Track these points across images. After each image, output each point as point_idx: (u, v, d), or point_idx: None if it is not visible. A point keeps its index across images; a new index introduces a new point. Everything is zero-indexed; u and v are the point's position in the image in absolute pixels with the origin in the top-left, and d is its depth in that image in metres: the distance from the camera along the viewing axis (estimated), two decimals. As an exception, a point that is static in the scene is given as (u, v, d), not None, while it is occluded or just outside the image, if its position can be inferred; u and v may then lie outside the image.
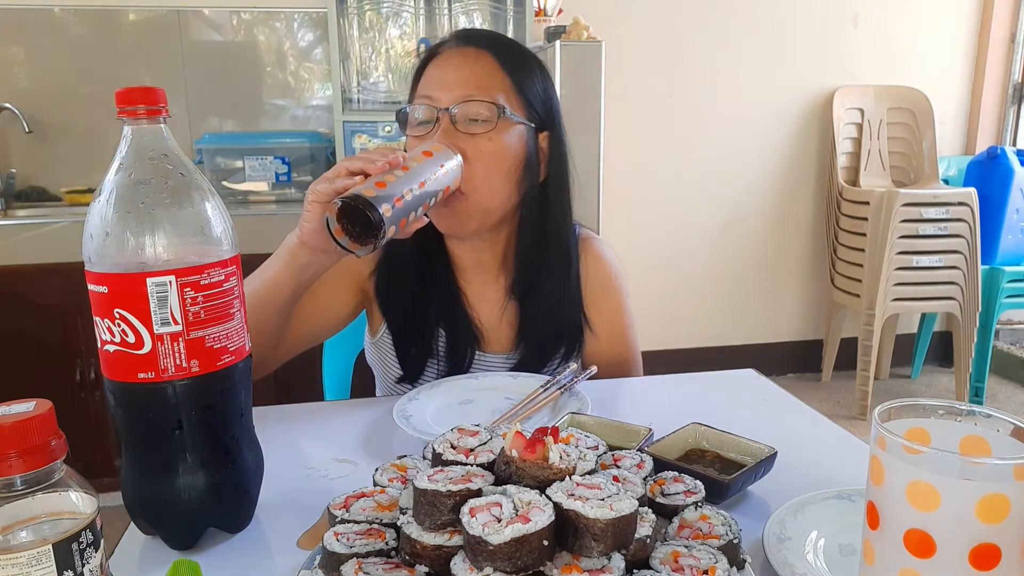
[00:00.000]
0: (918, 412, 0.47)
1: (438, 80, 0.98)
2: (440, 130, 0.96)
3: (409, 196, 0.83)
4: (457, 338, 1.09)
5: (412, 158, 0.88)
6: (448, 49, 1.01)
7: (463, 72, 0.97)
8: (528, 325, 1.09)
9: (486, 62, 0.98)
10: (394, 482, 0.62)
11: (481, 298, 1.11)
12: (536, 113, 1.02)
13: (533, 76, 1.02)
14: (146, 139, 0.60)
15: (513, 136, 0.99)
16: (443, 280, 1.10)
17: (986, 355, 3.02)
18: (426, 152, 0.90)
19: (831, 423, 0.92)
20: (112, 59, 2.58)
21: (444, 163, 0.91)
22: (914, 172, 3.15)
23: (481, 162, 0.96)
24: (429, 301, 1.09)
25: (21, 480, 0.43)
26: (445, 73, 0.98)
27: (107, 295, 0.58)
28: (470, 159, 0.95)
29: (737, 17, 3.02)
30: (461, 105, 0.95)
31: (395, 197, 0.81)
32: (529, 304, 1.08)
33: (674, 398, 1.02)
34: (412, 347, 1.10)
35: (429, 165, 0.88)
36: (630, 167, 3.04)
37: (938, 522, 0.41)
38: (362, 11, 2.52)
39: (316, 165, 2.58)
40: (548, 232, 1.07)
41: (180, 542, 0.64)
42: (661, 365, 1.19)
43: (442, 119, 0.96)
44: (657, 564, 0.51)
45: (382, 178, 0.82)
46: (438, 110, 0.96)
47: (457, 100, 0.95)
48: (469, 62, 0.98)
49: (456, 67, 0.98)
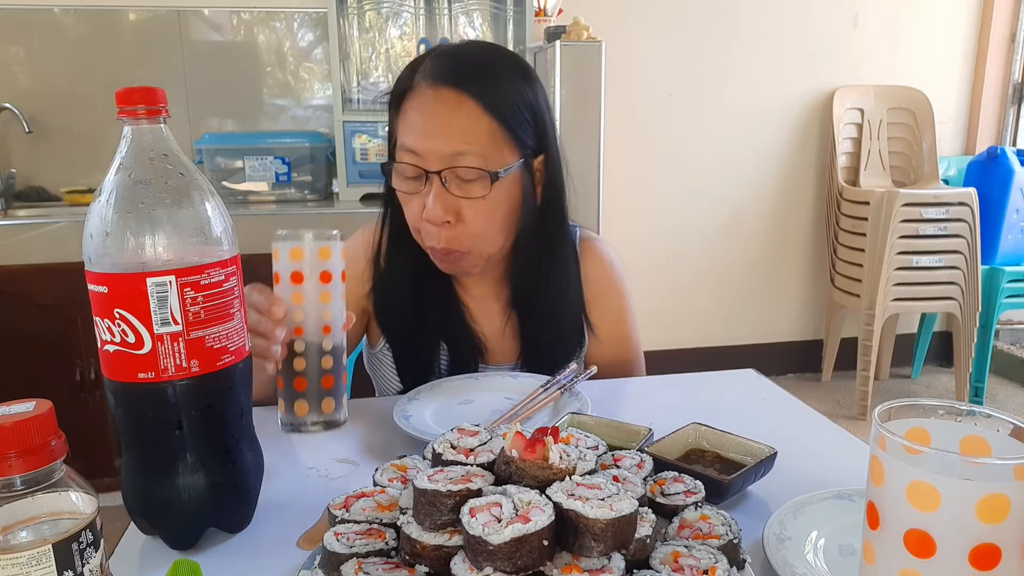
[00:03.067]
0: (918, 412, 0.47)
1: (421, 130, 0.93)
2: (432, 194, 0.93)
3: (330, 345, 0.82)
4: (460, 352, 1.08)
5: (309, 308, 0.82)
6: (426, 88, 0.94)
7: (448, 122, 0.92)
8: (531, 336, 1.08)
9: (468, 108, 0.92)
10: (394, 482, 0.62)
11: (482, 311, 1.10)
12: (527, 144, 0.98)
13: (517, 100, 0.96)
14: (146, 139, 0.60)
15: (508, 183, 0.96)
16: (444, 295, 1.09)
17: (986, 355, 3.02)
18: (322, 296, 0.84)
19: (831, 423, 0.92)
20: (112, 59, 2.58)
21: (332, 295, 0.84)
22: (914, 172, 3.15)
23: (478, 220, 0.95)
24: (429, 316, 1.07)
25: (21, 480, 0.43)
26: (427, 122, 0.93)
27: (107, 295, 0.58)
28: (466, 219, 0.95)
29: (737, 17, 3.02)
30: (451, 169, 0.92)
31: (336, 377, 0.83)
32: (532, 315, 1.08)
33: (674, 398, 1.02)
34: (413, 364, 1.09)
35: (320, 308, 0.83)
36: (630, 167, 3.04)
37: (938, 522, 0.41)
38: (362, 11, 2.52)
39: (316, 165, 2.58)
40: (545, 247, 1.05)
41: (180, 542, 0.64)
42: (661, 365, 1.19)
43: (432, 182, 0.93)
44: (657, 564, 0.51)
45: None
46: (428, 172, 0.93)
47: (446, 161, 0.92)
48: (451, 110, 0.92)
49: (440, 116, 0.93)
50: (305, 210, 2.38)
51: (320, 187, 2.59)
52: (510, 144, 0.95)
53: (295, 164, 2.54)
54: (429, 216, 0.94)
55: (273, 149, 2.52)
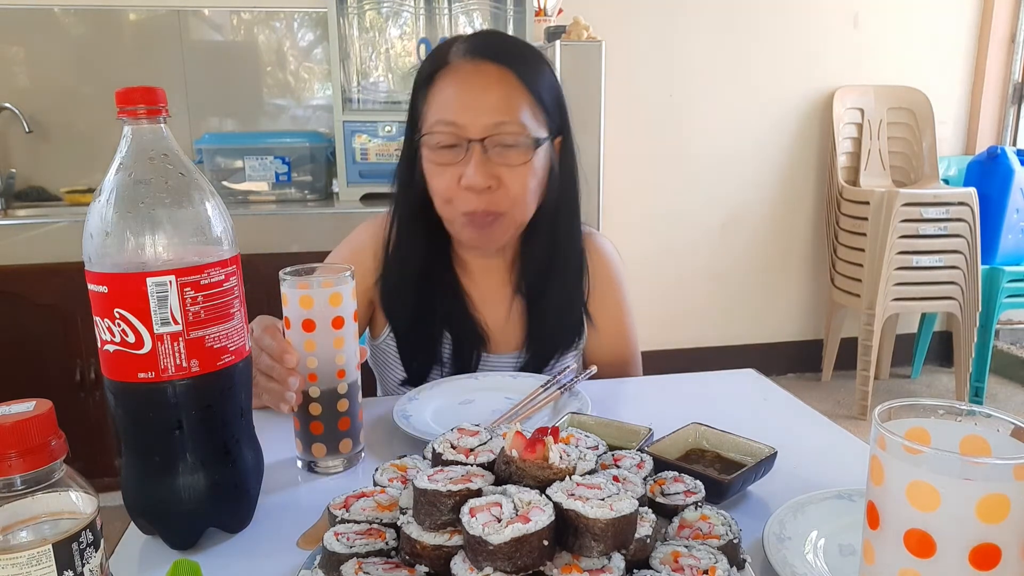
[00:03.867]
0: (918, 412, 0.47)
1: (461, 104, 0.95)
2: (473, 161, 0.95)
3: (345, 388, 0.79)
4: (463, 341, 1.09)
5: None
6: (463, 63, 0.97)
7: (488, 96, 0.95)
8: (536, 324, 1.09)
9: (507, 81, 0.96)
10: (394, 482, 0.62)
11: (487, 300, 1.11)
12: (553, 120, 1.02)
13: (545, 78, 1.01)
14: (146, 139, 0.60)
15: (541, 154, 1.00)
16: (449, 285, 1.10)
17: (986, 355, 3.02)
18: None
19: (831, 423, 0.92)
20: (112, 59, 2.58)
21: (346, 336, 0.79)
22: (914, 172, 3.15)
23: (517, 184, 0.98)
24: (435, 306, 1.08)
25: (21, 480, 0.43)
26: (468, 96, 0.96)
27: (107, 295, 0.58)
28: (506, 183, 0.97)
29: (737, 17, 3.02)
30: (493, 136, 0.95)
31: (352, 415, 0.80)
32: (538, 303, 1.09)
33: (674, 398, 1.02)
34: (418, 353, 1.09)
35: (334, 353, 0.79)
36: (630, 167, 3.04)
37: (938, 522, 0.41)
38: (362, 11, 2.52)
39: (316, 165, 2.57)
40: (560, 230, 1.07)
41: (180, 542, 0.64)
42: (661, 365, 1.19)
43: (473, 149, 0.95)
44: (657, 564, 0.51)
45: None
46: (468, 140, 0.95)
47: (488, 129, 0.94)
48: (492, 83, 0.96)
49: (480, 89, 0.96)
50: (305, 210, 2.38)
51: (320, 187, 2.59)
52: (542, 118, 0.99)
53: (295, 164, 2.54)
54: (470, 183, 0.95)
55: (273, 149, 2.52)
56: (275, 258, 1.66)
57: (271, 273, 0.85)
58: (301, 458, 0.80)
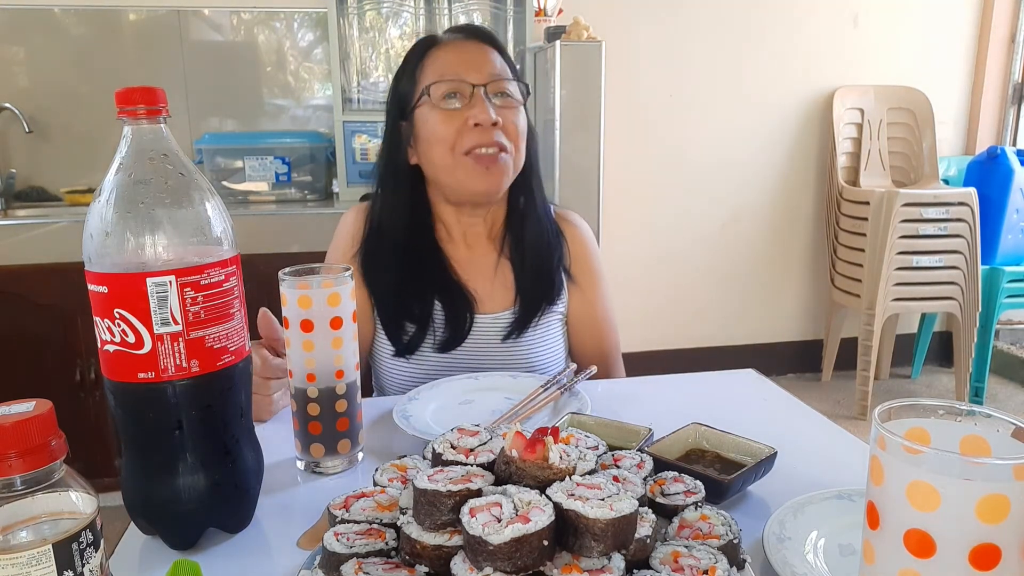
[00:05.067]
0: (918, 412, 0.47)
1: (461, 63, 1.08)
2: (479, 102, 1.06)
3: (343, 388, 0.79)
4: (455, 305, 1.13)
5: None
6: (455, 40, 1.12)
7: (485, 58, 1.10)
8: (522, 278, 1.16)
9: (493, 53, 1.12)
10: (394, 482, 0.62)
11: (472, 264, 1.17)
12: (522, 93, 1.15)
13: (514, 61, 1.18)
14: (146, 139, 0.60)
15: (523, 111, 1.14)
16: (433, 253, 1.16)
17: (986, 355, 3.02)
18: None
19: (831, 423, 0.92)
20: (112, 59, 2.58)
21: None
22: (914, 172, 3.15)
23: (514, 127, 1.10)
24: (421, 274, 1.14)
25: (21, 480, 0.43)
26: (467, 57, 1.09)
27: (107, 295, 0.58)
28: (506, 125, 1.08)
29: (737, 17, 3.02)
30: (494, 83, 1.08)
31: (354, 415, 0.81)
32: (522, 258, 1.16)
33: (674, 398, 1.02)
34: (407, 322, 1.13)
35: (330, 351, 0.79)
36: (630, 167, 3.04)
37: (938, 522, 0.41)
38: (362, 11, 2.52)
39: (316, 165, 2.58)
40: (534, 186, 1.18)
41: (180, 542, 0.64)
42: (661, 365, 1.20)
43: (478, 94, 1.07)
44: (657, 564, 0.51)
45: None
46: (473, 86, 1.07)
47: (489, 77, 1.08)
48: (485, 51, 1.11)
49: (477, 52, 1.10)
50: (305, 210, 2.38)
51: (320, 187, 2.59)
52: (519, 87, 1.13)
53: (295, 164, 2.54)
54: (481, 118, 1.05)
55: (273, 149, 2.52)
56: (275, 258, 1.66)
57: (271, 273, 0.85)
58: (301, 458, 0.81)
